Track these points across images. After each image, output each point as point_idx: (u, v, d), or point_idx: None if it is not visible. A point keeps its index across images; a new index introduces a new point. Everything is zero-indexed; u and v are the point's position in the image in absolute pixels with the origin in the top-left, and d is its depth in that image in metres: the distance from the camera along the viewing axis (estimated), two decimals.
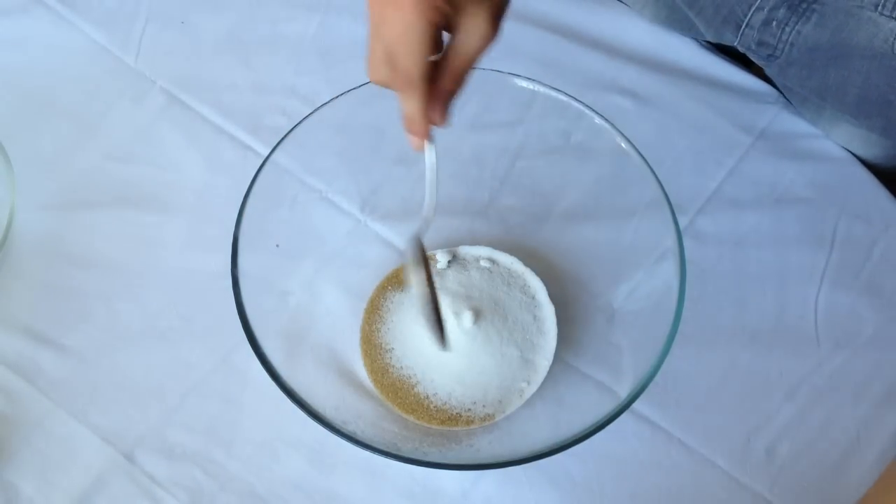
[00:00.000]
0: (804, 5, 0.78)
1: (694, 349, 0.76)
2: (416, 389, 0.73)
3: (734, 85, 0.89)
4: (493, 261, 0.78)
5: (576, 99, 0.74)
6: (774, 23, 0.81)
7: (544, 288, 0.77)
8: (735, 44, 0.85)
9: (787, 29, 0.80)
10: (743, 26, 0.83)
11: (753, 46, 0.84)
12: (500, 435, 0.71)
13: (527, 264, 0.78)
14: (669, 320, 0.66)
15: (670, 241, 0.69)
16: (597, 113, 0.74)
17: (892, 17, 0.74)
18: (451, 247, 0.79)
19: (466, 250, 0.79)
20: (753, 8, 0.81)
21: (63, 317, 0.77)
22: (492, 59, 0.88)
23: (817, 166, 0.86)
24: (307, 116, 0.73)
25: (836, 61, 0.79)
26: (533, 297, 0.77)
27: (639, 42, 0.92)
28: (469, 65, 0.59)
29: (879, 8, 0.75)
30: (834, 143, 0.86)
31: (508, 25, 0.92)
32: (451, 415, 0.72)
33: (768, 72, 0.87)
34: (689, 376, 0.76)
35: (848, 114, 0.83)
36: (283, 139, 0.72)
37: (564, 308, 0.76)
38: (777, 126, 0.87)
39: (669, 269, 0.69)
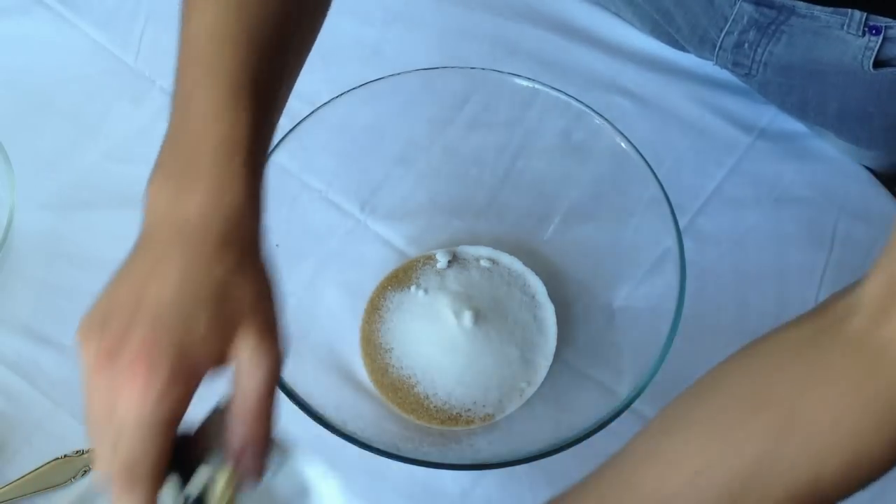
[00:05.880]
0: (773, 27, 0.78)
1: (694, 349, 0.75)
2: (416, 389, 0.73)
3: (734, 85, 0.89)
4: (493, 261, 0.78)
5: (576, 99, 0.74)
6: (746, 44, 0.81)
7: (544, 288, 0.77)
8: (714, 63, 0.86)
9: (759, 50, 0.80)
10: (717, 48, 0.83)
11: (730, 66, 0.84)
12: (500, 435, 0.71)
13: (527, 264, 0.78)
14: (669, 320, 0.66)
15: (670, 241, 0.69)
16: (597, 113, 0.74)
17: (859, 35, 0.75)
18: (451, 247, 0.79)
19: (466, 250, 0.79)
20: (724, 32, 0.81)
21: (63, 317, 0.77)
22: (492, 59, 0.89)
23: (817, 166, 0.85)
24: (307, 116, 0.73)
25: (811, 78, 0.80)
26: (533, 297, 0.77)
27: (639, 42, 0.91)
28: (266, 401, 0.49)
29: (845, 27, 0.75)
30: (833, 144, 0.86)
31: (508, 25, 0.93)
32: (451, 415, 0.72)
33: (752, 88, 0.87)
34: (689, 376, 0.75)
35: (831, 129, 0.84)
36: (283, 139, 0.72)
37: (564, 308, 0.76)
38: (777, 126, 0.87)
39: (669, 269, 0.69)
